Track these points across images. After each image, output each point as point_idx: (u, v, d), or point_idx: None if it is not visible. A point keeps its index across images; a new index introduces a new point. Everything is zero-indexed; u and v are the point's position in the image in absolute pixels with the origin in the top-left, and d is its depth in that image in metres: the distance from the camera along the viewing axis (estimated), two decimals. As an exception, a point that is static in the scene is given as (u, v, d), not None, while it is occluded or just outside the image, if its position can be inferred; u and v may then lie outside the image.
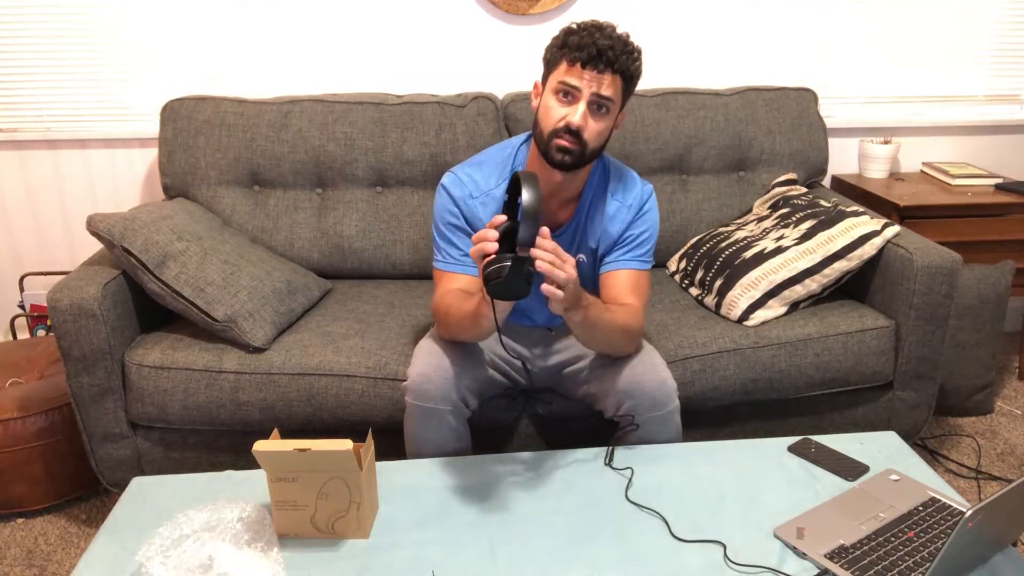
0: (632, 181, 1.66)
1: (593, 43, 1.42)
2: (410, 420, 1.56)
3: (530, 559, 1.26)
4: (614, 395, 1.57)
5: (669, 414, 1.58)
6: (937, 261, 1.87)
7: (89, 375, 1.79)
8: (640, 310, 1.60)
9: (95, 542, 1.31)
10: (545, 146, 1.49)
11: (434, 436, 1.55)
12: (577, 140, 1.46)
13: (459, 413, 1.56)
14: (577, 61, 1.43)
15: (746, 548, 1.27)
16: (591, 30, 1.44)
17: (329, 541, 1.30)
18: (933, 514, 1.33)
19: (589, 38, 1.42)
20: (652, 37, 2.53)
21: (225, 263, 1.92)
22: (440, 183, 1.63)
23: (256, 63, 2.47)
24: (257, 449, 1.24)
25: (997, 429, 2.37)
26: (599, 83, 1.44)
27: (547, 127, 1.48)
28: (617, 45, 1.43)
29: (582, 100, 1.45)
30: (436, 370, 1.52)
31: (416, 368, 1.54)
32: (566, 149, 1.47)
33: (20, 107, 2.47)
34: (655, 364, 1.59)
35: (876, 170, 2.63)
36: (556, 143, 1.47)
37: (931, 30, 2.64)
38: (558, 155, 1.48)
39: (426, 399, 1.52)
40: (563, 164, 1.49)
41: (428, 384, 1.52)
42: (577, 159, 1.49)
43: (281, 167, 2.25)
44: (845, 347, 1.91)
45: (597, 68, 1.43)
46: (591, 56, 1.42)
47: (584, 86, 1.44)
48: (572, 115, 1.45)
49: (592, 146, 1.49)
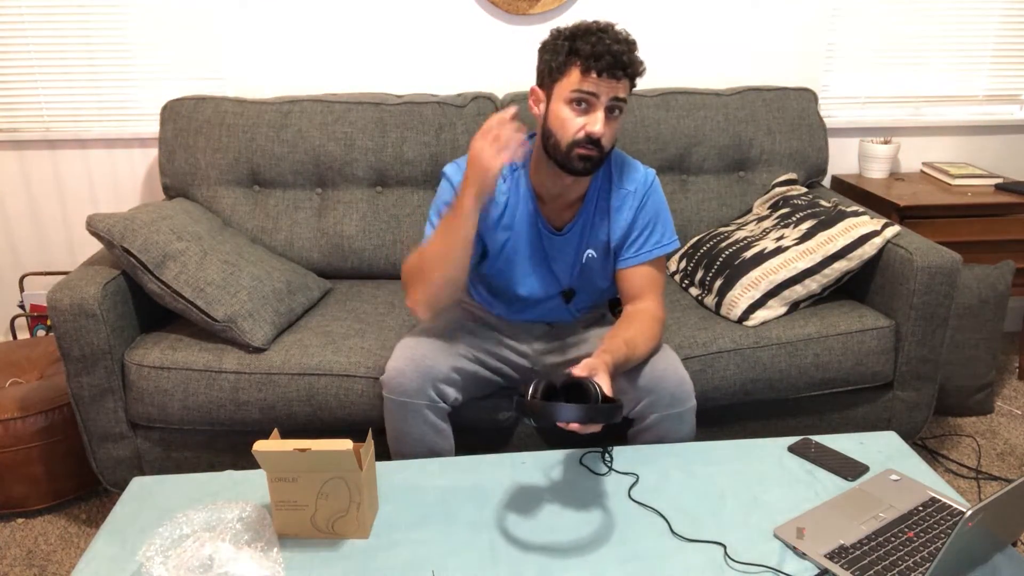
0: (634, 168, 1.65)
1: (607, 50, 1.39)
2: (387, 415, 1.58)
3: (530, 559, 1.26)
4: (632, 392, 1.58)
5: (687, 412, 1.60)
6: (937, 261, 1.87)
7: (89, 375, 1.79)
8: (660, 302, 1.64)
9: (95, 542, 1.31)
10: (564, 157, 1.47)
11: (412, 430, 1.56)
12: (597, 147, 1.46)
13: (437, 408, 1.56)
14: (593, 70, 1.40)
15: (746, 548, 1.27)
16: (600, 35, 1.41)
17: (329, 541, 1.30)
18: (933, 514, 1.33)
19: (602, 45, 1.40)
20: (652, 37, 2.53)
21: (225, 263, 1.92)
22: (443, 171, 1.62)
23: (256, 63, 2.47)
24: (257, 449, 1.24)
25: (997, 429, 2.37)
26: (617, 88, 1.43)
27: (565, 138, 1.46)
28: (627, 48, 1.42)
29: (600, 108, 1.43)
30: (409, 363, 1.54)
31: (391, 363, 1.56)
32: (588, 158, 1.46)
33: (20, 107, 2.47)
34: (675, 362, 1.61)
35: (876, 170, 2.63)
36: (577, 153, 1.46)
37: (931, 30, 2.64)
38: (580, 164, 1.47)
39: (399, 393, 1.54)
40: (585, 171, 1.49)
41: (402, 378, 1.53)
42: (597, 164, 1.49)
43: (281, 167, 2.25)
44: (845, 347, 1.91)
45: (615, 76, 1.41)
46: (608, 64, 1.40)
47: (603, 93, 1.42)
48: (592, 124, 1.43)
49: (608, 148, 1.49)
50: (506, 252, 1.65)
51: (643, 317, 1.59)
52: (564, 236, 1.64)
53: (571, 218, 1.63)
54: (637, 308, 1.62)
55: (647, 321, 1.59)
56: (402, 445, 1.59)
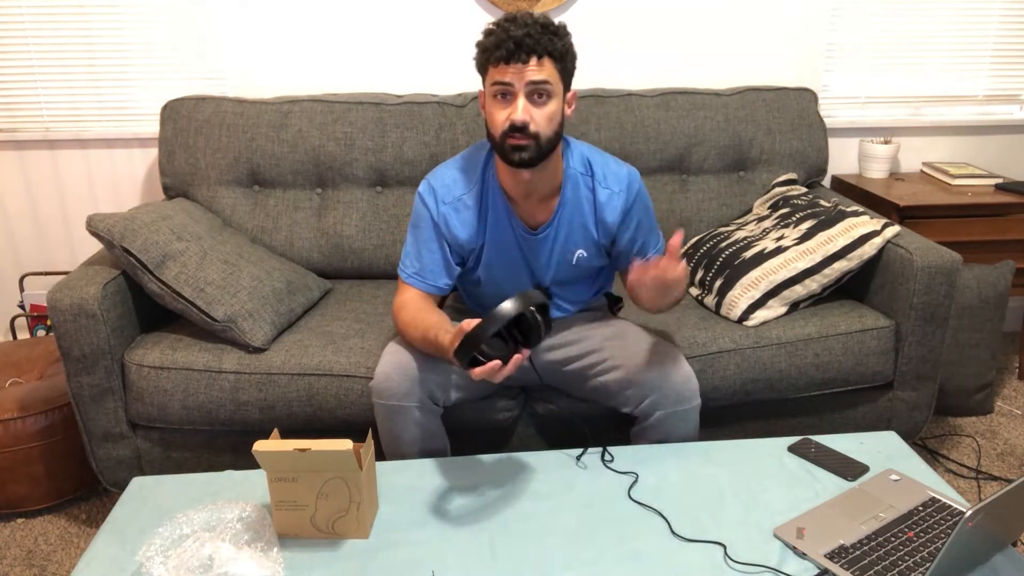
0: (615, 165, 1.64)
1: (508, 36, 1.41)
2: (378, 419, 1.60)
3: (530, 559, 1.26)
4: (637, 388, 1.59)
5: (692, 410, 1.60)
6: (937, 261, 1.87)
7: (89, 375, 1.79)
8: None
9: (95, 542, 1.31)
10: (500, 150, 1.49)
11: (403, 434, 1.57)
12: (526, 135, 1.45)
13: (427, 410, 1.57)
14: (500, 60, 1.42)
15: (746, 548, 1.27)
16: (504, 25, 1.43)
17: (329, 541, 1.31)
18: (933, 514, 1.33)
19: (503, 33, 1.42)
20: (652, 37, 2.53)
21: (225, 263, 1.92)
22: (418, 190, 1.64)
23: (256, 63, 2.47)
24: (257, 449, 1.24)
25: (997, 429, 2.37)
26: (526, 72, 1.43)
27: (496, 132, 1.48)
28: (534, 30, 1.42)
29: (519, 95, 1.44)
30: (396, 368, 1.55)
31: (379, 368, 1.57)
32: (520, 147, 1.46)
33: (20, 107, 2.47)
34: (681, 360, 1.62)
35: (876, 170, 2.63)
36: (508, 144, 1.47)
37: (931, 30, 2.64)
38: (515, 155, 1.47)
39: (388, 396, 1.55)
40: (523, 162, 1.48)
41: (389, 382, 1.54)
42: (535, 152, 1.48)
43: (281, 167, 2.25)
44: (845, 347, 1.91)
45: (520, 59, 1.42)
46: (510, 51, 1.41)
47: (514, 80, 1.43)
48: (513, 112, 1.44)
49: (546, 134, 1.47)
50: (484, 260, 1.66)
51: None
52: (540, 236, 1.63)
53: (547, 218, 1.63)
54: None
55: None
56: (395, 449, 1.60)
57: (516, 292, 1.31)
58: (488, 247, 1.64)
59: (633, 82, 2.54)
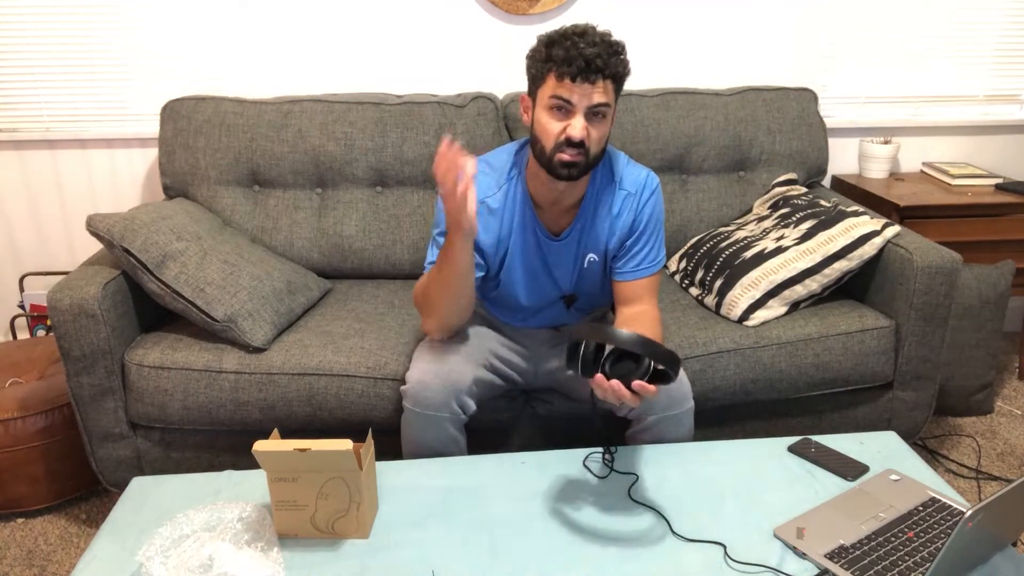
0: (635, 170, 1.63)
1: (579, 54, 1.37)
2: (407, 425, 1.57)
3: (530, 559, 1.26)
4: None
5: (684, 414, 1.60)
6: (937, 261, 1.87)
7: (89, 375, 1.79)
8: (656, 305, 1.64)
9: (95, 542, 1.31)
10: (549, 163, 1.47)
11: (431, 442, 1.56)
12: (580, 151, 1.44)
13: (456, 420, 1.56)
14: (567, 75, 1.39)
15: (746, 548, 1.27)
16: (573, 39, 1.39)
17: (329, 541, 1.30)
18: (933, 514, 1.33)
19: (574, 49, 1.38)
20: (652, 37, 2.53)
21: (225, 263, 1.92)
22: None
23: (256, 63, 2.47)
24: (257, 449, 1.24)
25: (997, 429, 2.37)
26: (593, 93, 1.40)
27: (548, 144, 1.45)
28: (603, 50, 1.39)
29: (578, 113, 1.42)
30: (435, 377, 1.53)
31: (415, 374, 1.55)
32: (571, 163, 1.45)
33: (20, 107, 2.47)
34: None
35: (876, 170, 2.63)
36: (559, 158, 1.44)
37: (931, 30, 2.64)
38: (563, 170, 1.46)
39: (424, 406, 1.53)
40: (570, 177, 1.47)
41: (427, 391, 1.52)
42: (583, 169, 1.48)
43: (281, 167, 2.25)
44: (845, 347, 1.91)
45: (589, 79, 1.39)
46: (580, 69, 1.38)
47: (578, 100, 1.41)
48: (571, 129, 1.42)
49: (595, 152, 1.47)
50: (506, 264, 1.65)
51: (645, 319, 1.59)
52: (562, 241, 1.63)
53: (569, 223, 1.62)
54: (635, 311, 1.62)
55: (649, 323, 1.58)
56: (417, 453, 1.58)
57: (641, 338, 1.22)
58: (511, 252, 1.63)
59: (633, 82, 2.54)
